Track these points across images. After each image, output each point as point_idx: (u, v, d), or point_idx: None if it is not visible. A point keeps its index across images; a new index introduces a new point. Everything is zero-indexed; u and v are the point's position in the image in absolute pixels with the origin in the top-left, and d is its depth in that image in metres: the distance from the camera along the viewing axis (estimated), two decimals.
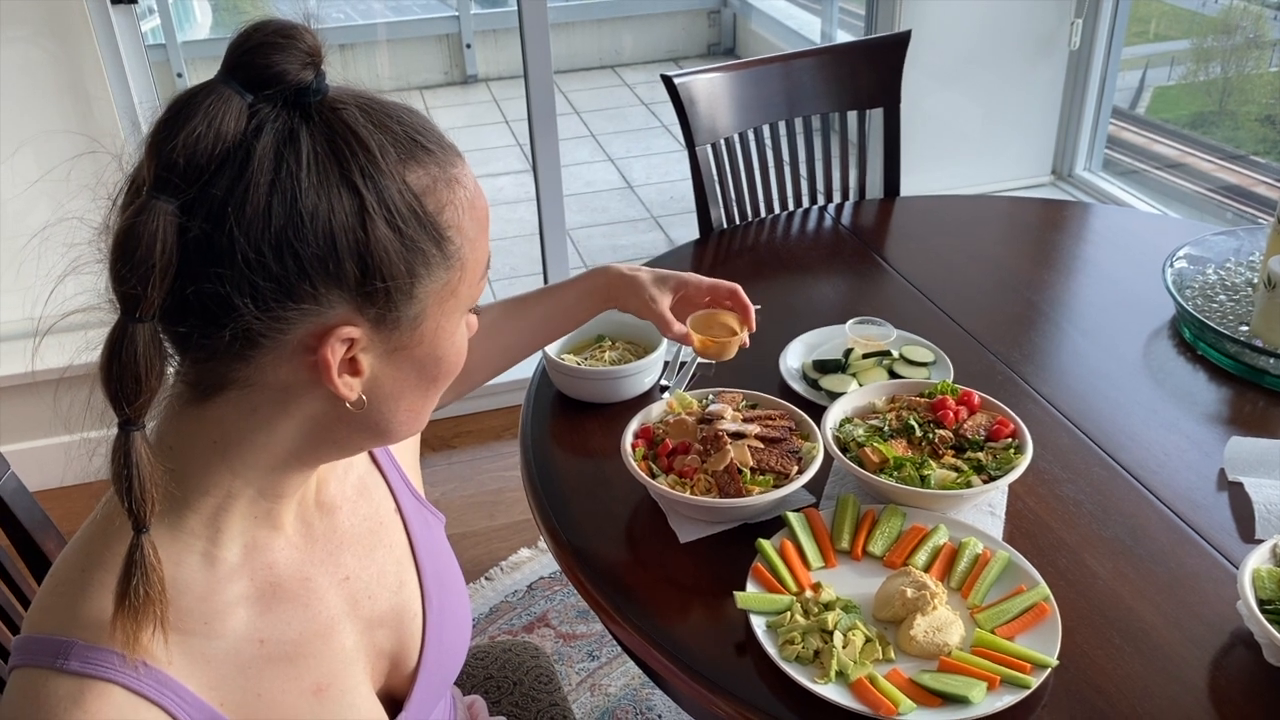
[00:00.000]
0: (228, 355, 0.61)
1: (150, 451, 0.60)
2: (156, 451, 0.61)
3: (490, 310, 1.16)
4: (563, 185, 2.76)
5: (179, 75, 4.91)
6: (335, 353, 0.62)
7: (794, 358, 1.37)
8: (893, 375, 1.32)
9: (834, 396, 1.24)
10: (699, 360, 1.35)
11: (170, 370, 0.63)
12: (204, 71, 0.68)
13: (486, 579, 2.15)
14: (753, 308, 1.19)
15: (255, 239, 0.58)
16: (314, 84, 0.61)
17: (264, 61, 0.59)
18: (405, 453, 0.90)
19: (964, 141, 3.20)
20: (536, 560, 2.20)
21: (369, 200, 0.60)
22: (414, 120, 0.64)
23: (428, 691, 0.85)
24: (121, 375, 0.58)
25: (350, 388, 0.64)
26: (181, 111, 0.58)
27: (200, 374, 0.63)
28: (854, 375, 1.31)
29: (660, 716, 1.85)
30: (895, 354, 1.35)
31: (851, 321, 1.38)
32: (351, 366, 0.64)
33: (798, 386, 1.31)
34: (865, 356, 1.34)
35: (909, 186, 2.07)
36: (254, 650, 0.69)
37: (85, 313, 0.66)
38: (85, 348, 0.63)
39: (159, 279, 0.57)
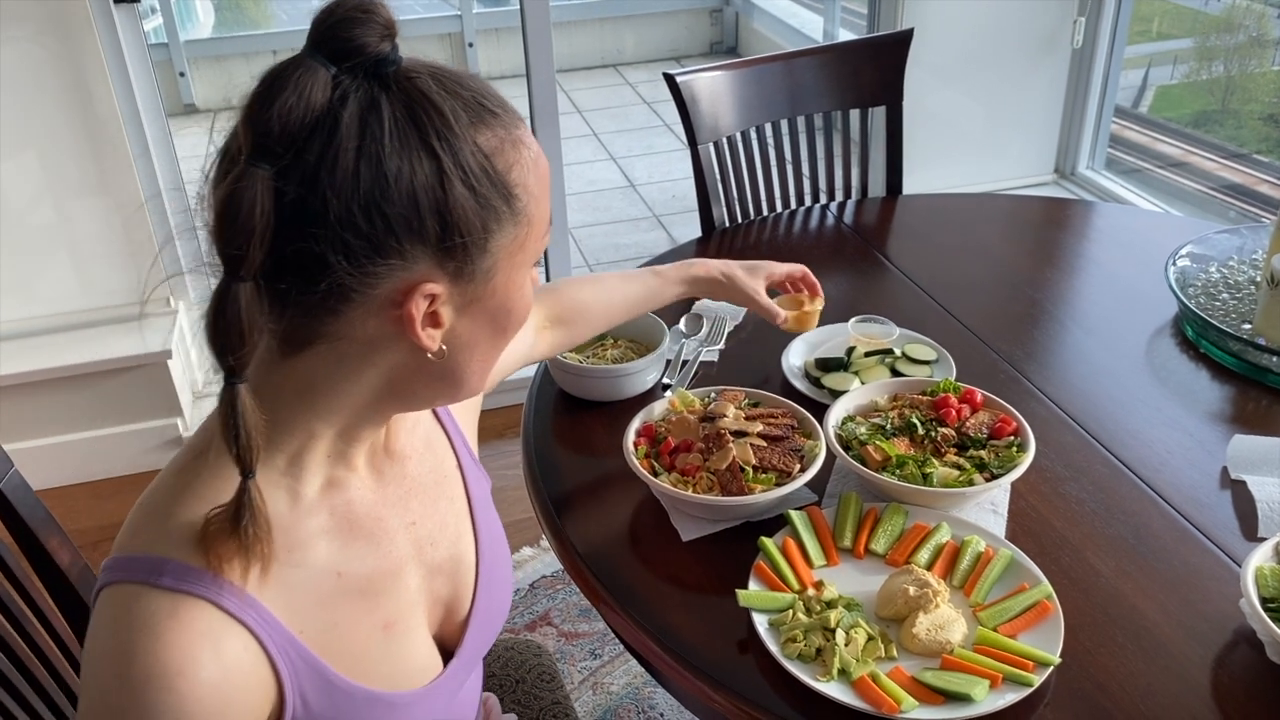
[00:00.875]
0: (321, 310, 0.66)
1: (253, 403, 0.64)
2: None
3: (608, 275, 1.26)
4: (565, 184, 2.76)
5: (181, 74, 4.92)
6: (419, 307, 0.67)
7: (796, 356, 1.37)
8: (895, 373, 1.32)
9: (836, 395, 1.24)
10: (718, 350, 1.41)
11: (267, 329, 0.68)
12: (206, 70, 0.70)
13: None
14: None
15: (346, 200, 0.62)
16: (391, 55, 0.65)
17: (346, 35, 0.63)
18: (465, 415, 0.95)
19: (967, 140, 3.20)
20: (539, 559, 2.20)
21: (445, 162, 0.64)
22: (479, 86, 0.68)
23: (475, 643, 0.89)
24: (227, 331, 0.63)
25: (432, 339, 0.69)
26: (274, 84, 0.62)
27: (293, 329, 0.68)
28: (856, 373, 1.31)
29: (662, 715, 1.85)
30: (898, 352, 1.35)
31: (853, 320, 1.38)
32: (433, 319, 0.69)
33: (800, 385, 1.31)
34: (868, 355, 1.34)
35: (911, 185, 2.07)
36: (332, 582, 0.73)
37: (86, 312, 0.69)
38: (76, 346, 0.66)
39: (259, 240, 0.61)
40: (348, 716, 0.74)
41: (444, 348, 0.70)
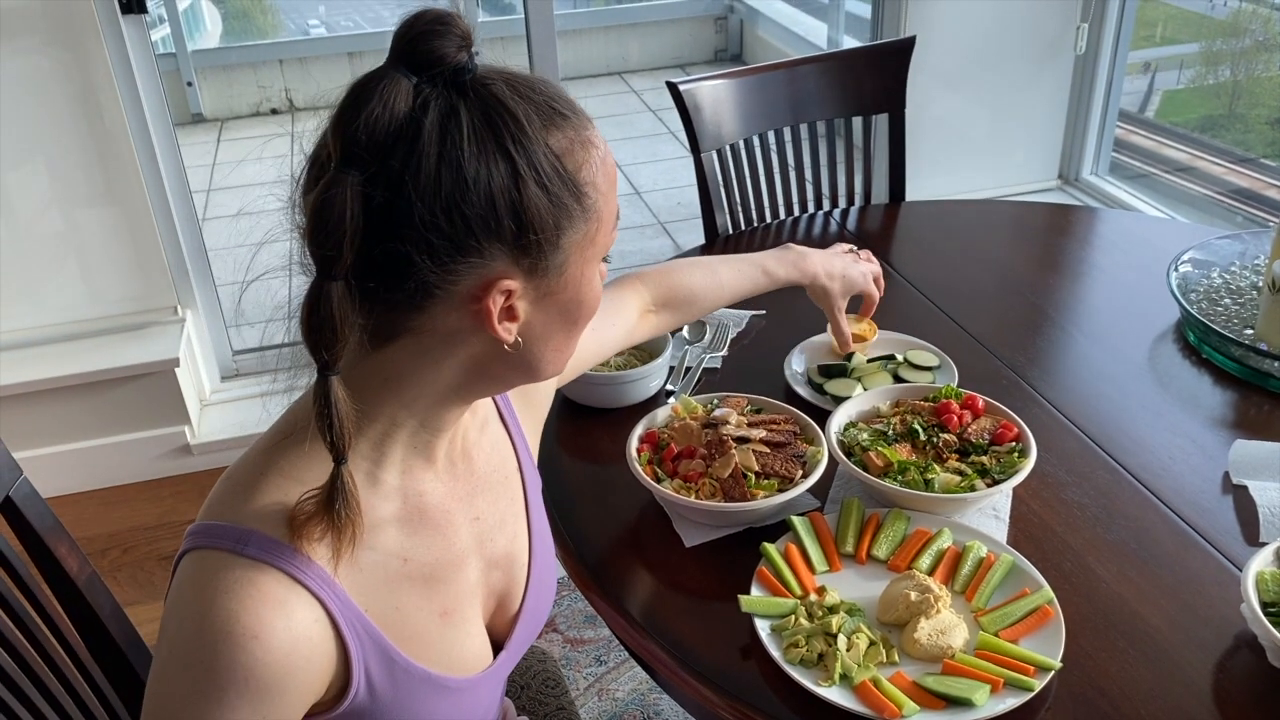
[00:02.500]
0: (406, 307, 0.70)
1: (346, 394, 0.68)
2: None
3: (717, 262, 1.29)
4: None
5: (189, 84, 4.95)
6: (496, 302, 0.70)
7: (798, 362, 1.37)
8: (897, 379, 1.32)
9: (839, 401, 1.25)
10: (721, 357, 1.42)
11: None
12: (214, 80, 0.72)
13: None
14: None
15: (429, 203, 0.66)
16: (468, 64, 0.69)
17: (426, 47, 0.67)
18: (529, 418, 0.99)
19: (970, 146, 3.20)
20: None
21: (520, 164, 0.68)
22: (550, 89, 0.72)
23: (523, 637, 0.92)
24: (320, 327, 0.66)
25: (509, 332, 0.73)
26: (360, 95, 0.66)
27: (380, 324, 0.71)
28: (859, 379, 1.32)
29: None
30: (900, 358, 1.35)
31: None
32: (509, 313, 0.72)
33: (803, 391, 1.31)
34: (870, 360, 1.35)
35: (915, 191, 2.07)
36: (398, 566, 0.77)
37: (94, 321, 0.71)
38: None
39: (350, 241, 0.65)
40: (405, 696, 0.77)
41: (519, 339, 0.74)
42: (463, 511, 0.84)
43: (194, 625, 0.67)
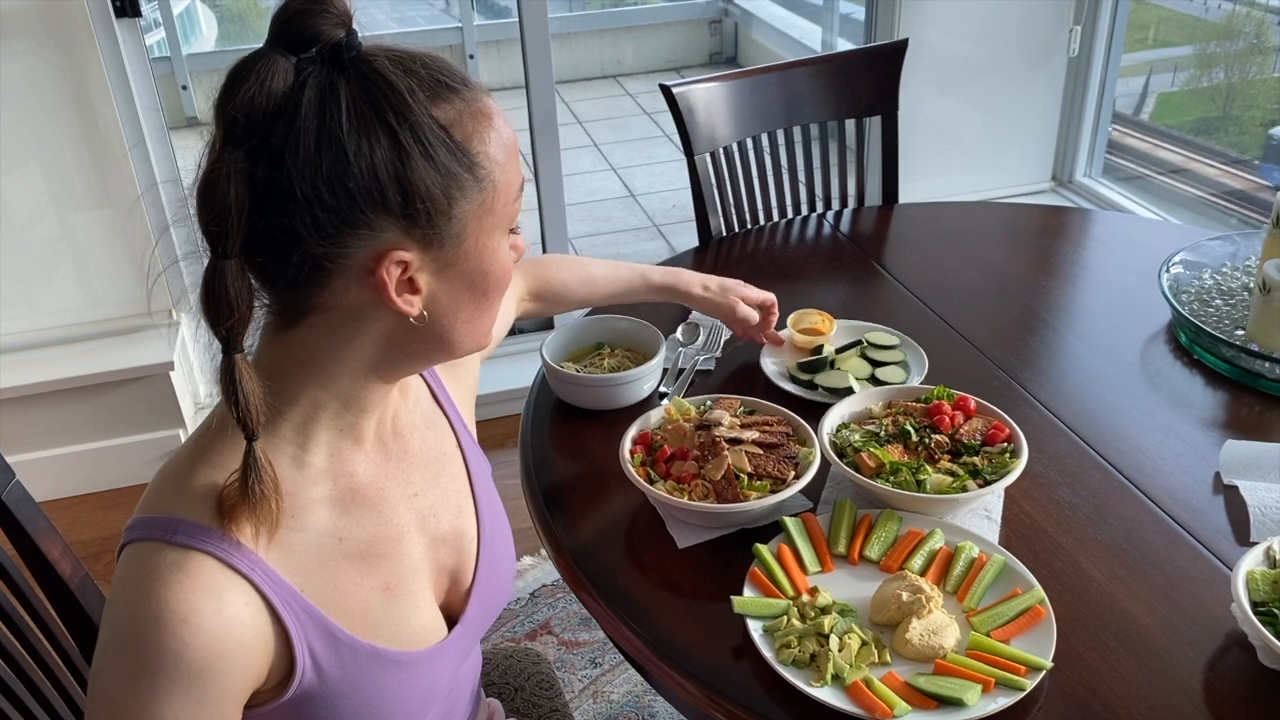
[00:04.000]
0: (305, 282, 0.71)
1: (250, 371, 0.70)
2: (256, 372, 0.72)
3: (595, 264, 1.35)
4: (565, 194, 2.77)
5: (184, 88, 4.94)
6: (391, 273, 0.72)
7: (773, 364, 1.38)
8: (870, 361, 1.36)
9: (832, 393, 1.27)
10: (715, 359, 1.43)
11: (261, 305, 0.74)
12: (209, 84, 0.74)
13: None
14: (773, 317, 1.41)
15: (310, 177, 0.67)
16: (346, 41, 0.70)
17: (300, 25, 0.68)
18: (462, 398, 1.00)
19: (964, 148, 3.21)
20: (539, 568, 2.20)
21: (403, 136, 0.69)
22: (438, 64, 0.73)
23: (478, 612, 0.93)
24: (217, 305, 0.68)
25: (411, 304, 0.74)
26: (238, 76, 0.68)
27: (284, 303, 0.74)
28: (844, 370, 1.34)
29: None
30: (864, 341, 1.40)
31: (790, 317, 1.43)
32: (410, 285, 0.73)
33: (792, 389, 1.32)
34: (839, 351, 1.38)
35: (909, 194, 2.08)
36: (333, 545, 0.79)
37: (89, 324, 0.72)
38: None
39: (236, 219, 0.67)
40: (355, 673, 0.78)
41: (425, 312, 0.75)
42: (398, 489, 0.86)
43: (128, 613, 0.69)
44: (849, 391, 1.28)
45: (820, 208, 1.96)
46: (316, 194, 0.68)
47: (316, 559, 0.78)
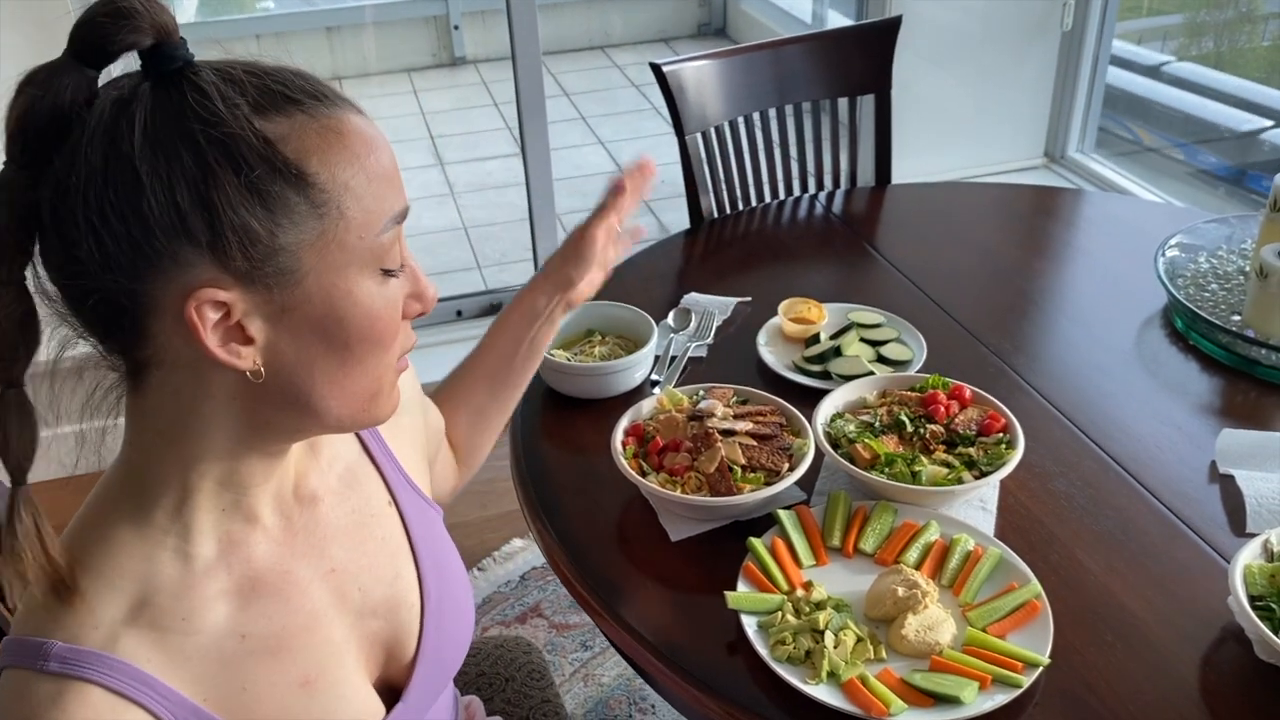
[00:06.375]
0: (118, 328, 0.63)
1: (24, 408, 0.62)
2: (123, 451, 0.66)
3: (442, 386, 1.08)
4: (553, 169, 2.74)
5: None
6: (205, 317, 0.61)
7: (775, 358, 1.35)
8: (867, 343, 1.36)
9: (847, 379, 1.26)
10: (707, 345, 1.40)
11: (103, 358, 0.66)
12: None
13: (479, 570, 2.15)
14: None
15: (96, 202, 0.59)
16: (156, 49, 0.61)
17: (97, 36, 0.60)
18: (404, 446, 0.89)
19: (957, 125, 3.18)
20: (529, 550, 2.19)
21: (210, 152, 0.59)
22: (279, 74, 0.63)
23: (428, 681, 0.85)
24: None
25: (239, 356, 0.62)
26: (24, 89, 0.60)
27: (118, 355, 0.65)
28: (853, 356, 1.33)
29: (654, 706, 1.85)
30: (854, 324, 1.39)
31: (781, 309, 1.41)
32: (240, 334, 0.62)
33: (805, 380, 1.30)
34: (833, 337, 1.36)
35: (901, 171, 2.06)
36: (235, 645, 0.69)
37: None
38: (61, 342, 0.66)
39: (8, 245, 0.60)
40: None
41: (262, 368, 0.63)
42: (308, 568, 0.75)
43: None
44: (868, 374, 1.27)
45: (813, 187, 1.93)
46: (104, 221, 0.58)
47: (218, 664, 0.67)
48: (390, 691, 0.82)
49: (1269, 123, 3.16)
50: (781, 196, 1.91)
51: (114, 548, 0.66)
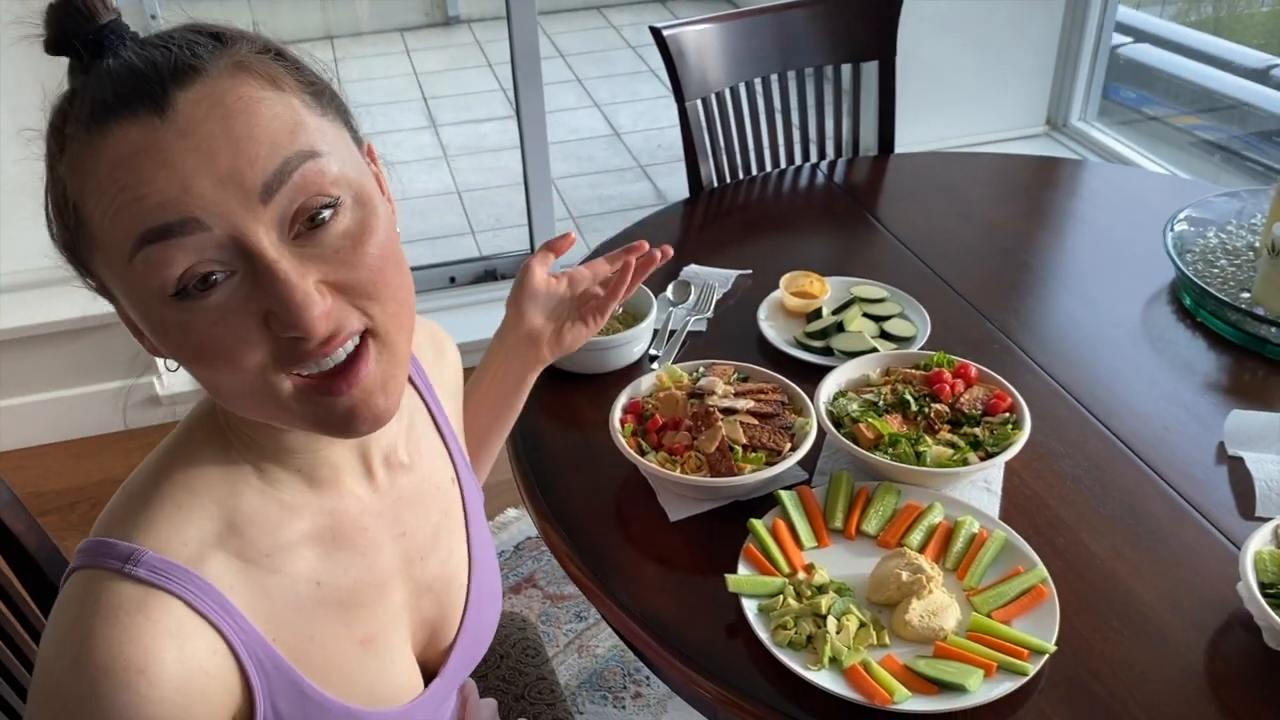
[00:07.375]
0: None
1: None
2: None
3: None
4: (549, 133, 2.69)
5: (152, 17, 4.77)
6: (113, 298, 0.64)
7: (777, 334, 1.33)
8: (870, 318, 1.34)
9: (851, 356, 1.23)
10: (707, 319, 1.38)
11: None
12: (177, 15, 0.66)
13: None
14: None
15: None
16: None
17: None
18: (459, 429, 0.91)
19: (959, 91, 3.13)
20: (524, 520, 2.18)
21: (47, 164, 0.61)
22: (118, 72, 0.62)
23: (459, 666, 0.85)
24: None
25: (145, 339, 0.65)
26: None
27: None
28: (856, 331, 1.31)
29: (648, 678, 1.84)
30: (856, 298, 1.37)
31: (782, 282, 1.39)
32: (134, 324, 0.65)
33: (809, 357, 1.27)
34: (835, 312, 1.33)
35: (903, 137, 2.02)
36: (311, 591, 0.70)
37: (60, 268, 0.66)
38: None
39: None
40: None
41: (169, 359, 0.64)
42: (384, 529, 0.76)
43: (72, 658, 0.59)
44: (871, 350, 1.24)
45: (815, 154, 1.89)
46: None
47: (293, 606, 0.69)
48: (423, 671, 0.83)
49: (1270, 90, 3.12)
50: (783, 164, 1.88)
51: (201, 468, 0.67)
